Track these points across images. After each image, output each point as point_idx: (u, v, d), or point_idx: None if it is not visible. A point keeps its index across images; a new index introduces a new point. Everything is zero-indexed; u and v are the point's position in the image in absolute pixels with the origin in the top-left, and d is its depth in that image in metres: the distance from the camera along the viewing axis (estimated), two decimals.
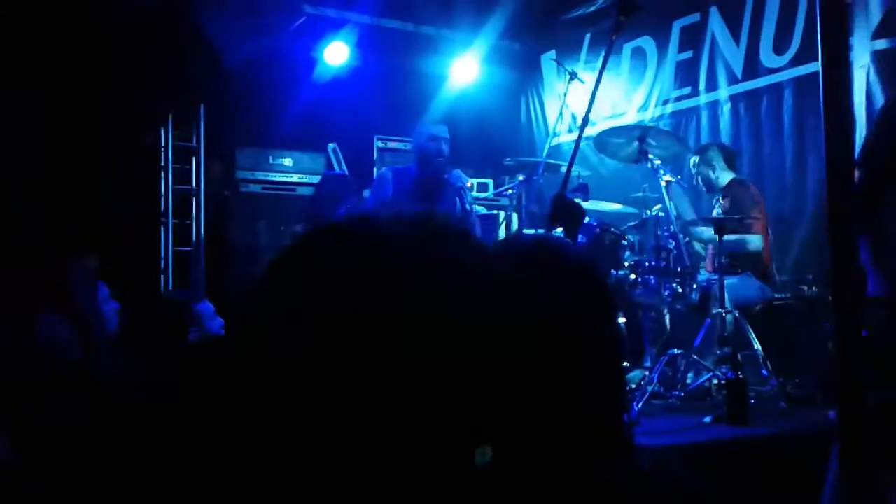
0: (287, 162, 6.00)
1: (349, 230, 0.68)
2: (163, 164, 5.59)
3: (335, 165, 6.14)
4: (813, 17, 4.52)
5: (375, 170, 6.28)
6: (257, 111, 5.75)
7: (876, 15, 4.32)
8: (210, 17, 4.49)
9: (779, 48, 5.04)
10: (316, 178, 5.97)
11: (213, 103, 5.67)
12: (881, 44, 4.31)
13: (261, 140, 5.94)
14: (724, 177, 4.65)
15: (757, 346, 3.96)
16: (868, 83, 4.41)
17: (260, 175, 5.89)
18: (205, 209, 5.76)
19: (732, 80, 5.36)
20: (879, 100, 4.32)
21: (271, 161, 5.96)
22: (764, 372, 3.87)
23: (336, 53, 6.19)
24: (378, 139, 6.33)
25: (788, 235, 4.80)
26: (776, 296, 4.41)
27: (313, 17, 6.04)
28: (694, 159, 4.79)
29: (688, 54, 5.68)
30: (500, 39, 6.79)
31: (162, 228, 5.55)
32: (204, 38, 4.51)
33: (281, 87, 5.80)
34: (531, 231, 4.75)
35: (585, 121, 3.01)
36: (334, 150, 6.16)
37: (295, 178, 5.98)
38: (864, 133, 2.92)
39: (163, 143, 5.57)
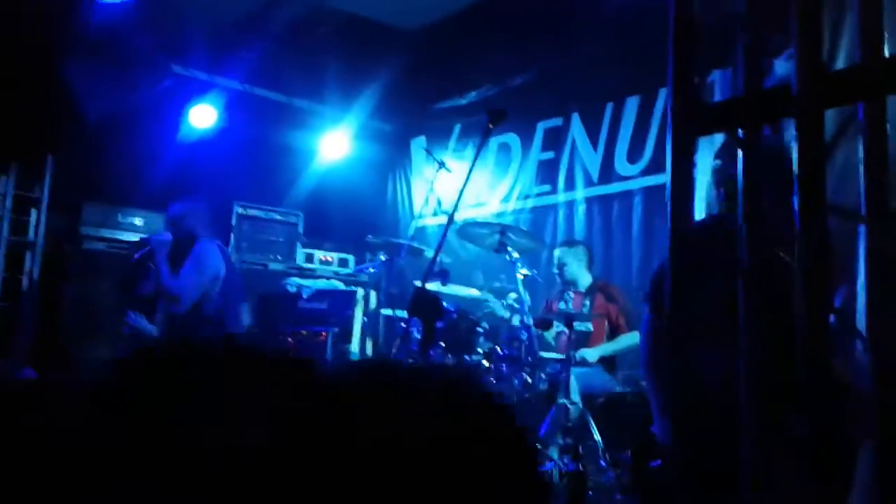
0: (138, 221, 5.73)
1: None
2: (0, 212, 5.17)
3: None
4: (662, 135, 4.91)
5: (232, 235, 6.12)
6: (112, 167, 5.48)
7: (719, 137, 4.75)
8: (72, 67, 4.29)
9: (632, 158, 5.41)
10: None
11: (64, 154, 5.35)
12: (719, 163, 4.72)
13: (112, 197, 5.66)
14: (585, 275, 4.88)
15: (598, 437, 4.10)
16: (709, 197, 4.81)
17: (106, 233, 5.58)
18: (41, 265, 5.35)
19: (589, 182, 5.68)
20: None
21: (120, 219, 5.67)
22: (602, 463, 4.00)
23: (202, 116, 6.06)
24: (238, 205, 6.18)
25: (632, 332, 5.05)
26: (617, 389, 4.60)
27: (182, 77, 5.92)
28: (562, 251, 4.94)
29: (549, 154, 5.98)
30: (372, 119, 6.91)
31: None
32: (62, 86, 4.29)
33: (141, 144, 5.57)
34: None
35: (451, 216, 3.08)
36: None
37: None
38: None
39: (2, 192, 5.16)
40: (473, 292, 5.00)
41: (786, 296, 1.55)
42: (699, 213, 4.79)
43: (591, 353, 4.57)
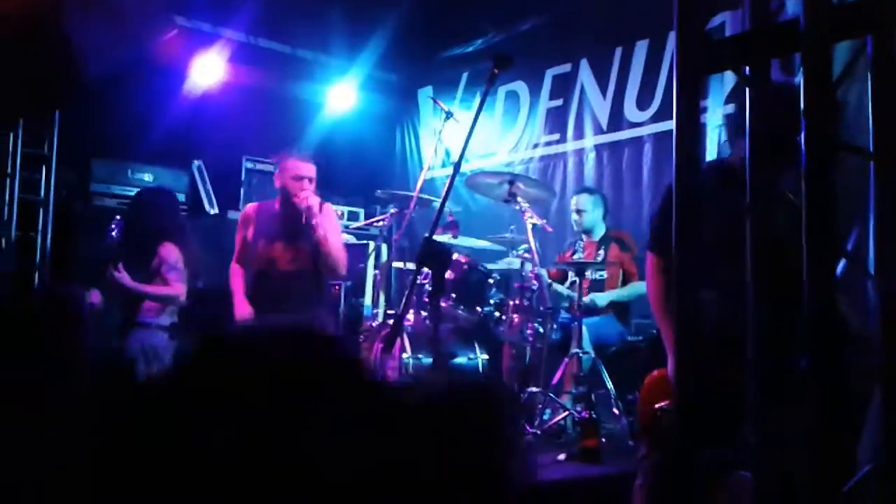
0: (147, 177, 5.73)
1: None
2: (9, 171, 5.17)
3: (199, 183, 5.91)
4: (672, 80, 4.80)
5: (242, 190, 6.11)
6: (119, 122, 5.46)
7: (729, 82, 4.67)
8: (74, 21, 4.23)
9: (641, 104, 5.33)
10: (179, 197, 5.73)
11: (71, 111, 5.33)
12: (731, 108, 4.66)
13: (121, 152, 5.65)
14: (600, 224, 4.85)
15: (610, 385, 4.13)
16: (720, 143, 4.75)
17: (116, 189, 5.58)
18: (53, 222, 5.38)
19: (598, 130, 5.61)
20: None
21: (130, 175, 5.67)
22: (615, 411, 4.04)
23: (208, 69, 6.00)
24: (247, 160, 6.15)
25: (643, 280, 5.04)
26: (629, 338, 4.61)
27: (186, 29, 5.85)
28: (581, 197, 4.89)
29: (558, 102, 5.90)
30: (378, 70, 6.82)
31: (3, 240, 5.13)
32: (65, 41, 4.24)
33: (147, 99, 5.53)
34: None
35: (458, 164, 3.05)
36: (199, 168, 5.93)
37: None
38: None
39: (10, 149, 5.16)
40: (484, 243, 4.98)
41: (792, 237, 1.53)
42: (711, 157, 4.74)
43: (602, 298, 4.58)
